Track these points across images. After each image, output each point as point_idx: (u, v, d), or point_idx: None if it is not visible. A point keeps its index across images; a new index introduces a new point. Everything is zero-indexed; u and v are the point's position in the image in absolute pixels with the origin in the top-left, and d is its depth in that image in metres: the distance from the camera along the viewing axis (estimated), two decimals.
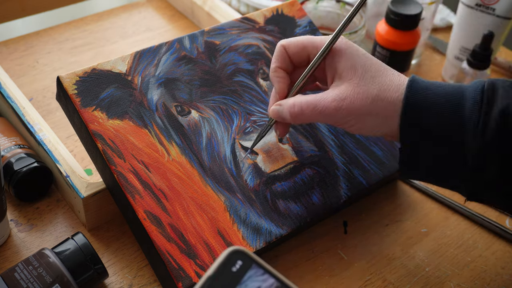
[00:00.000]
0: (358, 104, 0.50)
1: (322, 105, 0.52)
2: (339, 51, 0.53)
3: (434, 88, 0.50)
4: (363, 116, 0.51)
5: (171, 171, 0.56)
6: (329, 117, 0.52)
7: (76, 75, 0.57)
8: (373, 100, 0.50)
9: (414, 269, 0.59)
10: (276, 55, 0.56)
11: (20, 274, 0.50)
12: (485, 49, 0.73)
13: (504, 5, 0.75)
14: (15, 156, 0.61)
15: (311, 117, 0.53)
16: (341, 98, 0.51)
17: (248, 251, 0.38)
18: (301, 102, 0.53)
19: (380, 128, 0.52)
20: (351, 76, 0.51)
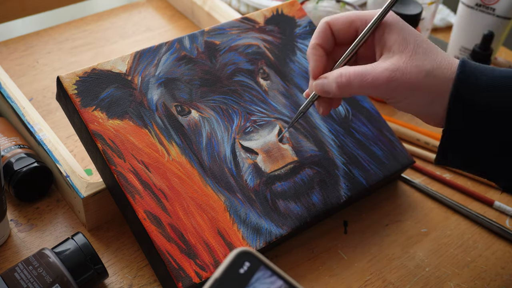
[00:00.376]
0: (411, 77, 0.48)
1: (372, 75, 0.49)
2: (390, 25, 0.51)
3: (485, 70, 0.48)
4: (414, 90, 0.49)
5: (171, 171, 0.56)
6: (379, 89, 0.50)
7: (76, 75, 0.57)
8: (427, 74, 0.48)
9: (414, 269, 0.59)
10: (318, 31, 0.53)
11: (20, 274, 0.50)
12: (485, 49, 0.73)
13: (504, 5, 0.75)
14: (15, 156, 0.61)
15: (359, 88, 0.50)
16: (393, 69, 0.49)
17: (255, 252, 0.38)
18: (349, 72, 0.50)
19: (428, 106, 0.49)
20: (403, 48, 0.49)
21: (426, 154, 0.71)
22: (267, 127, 0.61)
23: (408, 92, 0.49)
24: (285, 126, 0.61)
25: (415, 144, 0.73)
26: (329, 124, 0.64)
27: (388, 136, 0.65)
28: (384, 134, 0.65)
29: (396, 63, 0.49)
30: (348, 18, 0.53)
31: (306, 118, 0.63)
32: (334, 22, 0.53)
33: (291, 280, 0.38)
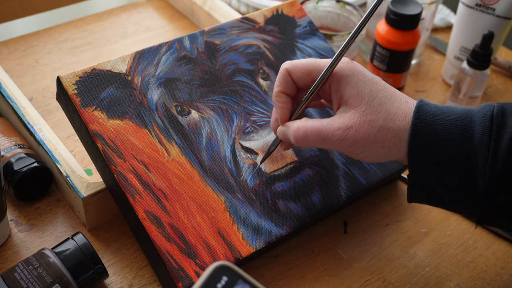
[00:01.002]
0: (364, 134, 0.50)
1: (327, 132, 0.51)
2: (346, 78, 0.52)
3: (441, 114, 0.49)
4: (369, 145, 0.50)
5: (171, 171, 0.56)
6: (334, 145, 0.51)
7: (76, 75, 0.57)
8: (379, 129, 0.50)
9: (414, 269, 0.59)
10: (280, 79, 0.55)
11: (20, 274, 0.50)
12: (485, 49, 0.73)
13: (504, 5, 0.75)
14: (15, 156, 0.61)
15: (314, 142, 0.52)
16: (346, 127, 0.50)
17: (233, 266, 0.38)
18: (306, 126, 0.52)
19: (386, 156, 0.51)
20: (358, 103, 0.50)
21: None
22: (267, 127, 0.61)
23: (363, 147, 0.50)
24: None
25: None
26: None
27: None
28: None
29: (350, 120, 0.50)
30: (305, 67, 0.54)
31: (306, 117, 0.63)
32: (292, 70, 0.54)
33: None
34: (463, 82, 0.76)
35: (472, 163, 0.47)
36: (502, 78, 0.86)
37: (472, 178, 0.47)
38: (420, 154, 0.49)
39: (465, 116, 0.49)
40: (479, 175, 0.47)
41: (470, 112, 0.49)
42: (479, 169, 0.47)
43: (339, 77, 0.52)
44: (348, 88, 0.51)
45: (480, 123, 0.47)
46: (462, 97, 0.77)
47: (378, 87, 0.51)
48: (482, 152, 0.47)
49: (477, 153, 0.47)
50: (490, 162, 0.46)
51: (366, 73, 0.52)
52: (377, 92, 0.51)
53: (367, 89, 0.51)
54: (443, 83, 0.85)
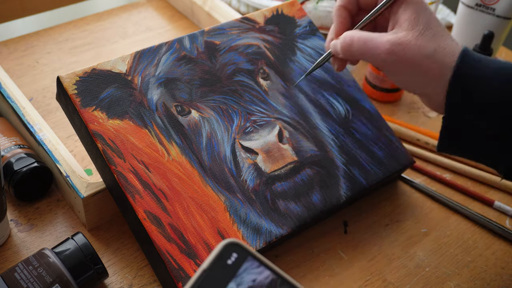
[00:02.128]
0: (412, 55, 0.50)
1: (374, 42, 0.51)
2: (407, 2, 0.52)
3: (486, 62, 0.49)
4: (412, 68, 0.50)
5: (171, 171, 0.56)
6: (377, 58, 0.51)
7: (76, 75, 0.57)
8: (427, 56, 0.50)
9: (414, 269, 0.59)
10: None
11: (20, 274, 0.50)
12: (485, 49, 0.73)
13: (504, 5, 0.75)
14: (15, 156, 0.61)
15: (359, 52, 0.52)
16: (396, 42, 0.50)
17: (243, 244, 0.38)
18: (354, 35, 0.52)
19: (422, 86, 0.51)
20: (413, 27, 0.51)
21: (426, 154, 0.71)
22: (267, 127, 0.61)
23: (405, 69, 0.50)
24: (285, 127, 0.61)
25: (415, 144, 0.73)
26: (329, 124, 0.64)
27: (388, 136, 0.65)
28: (384, 134, 0.65)
29: (401, 38, 0.50)
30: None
31: (306, 118, 0.63)
32: None
33: (278, 270, 0.38)
34: None
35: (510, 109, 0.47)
36: None
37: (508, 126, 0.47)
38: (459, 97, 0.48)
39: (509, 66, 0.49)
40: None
41: None
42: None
43: (401, 0, 0.52)
44: (407, 12, 0.52)
45: None
46: None
47: (434, 21, 0.52)
48: None
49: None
50: None
51: (426, 5, 0.53)
52: (433, 25, 0.51)
53: (425, 18, 0.51)
54: None
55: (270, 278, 0.38)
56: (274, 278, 0.38)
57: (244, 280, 0.37)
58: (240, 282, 0.37)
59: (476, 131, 0.49)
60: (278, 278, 0.38)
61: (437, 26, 0.51)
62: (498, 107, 0.48)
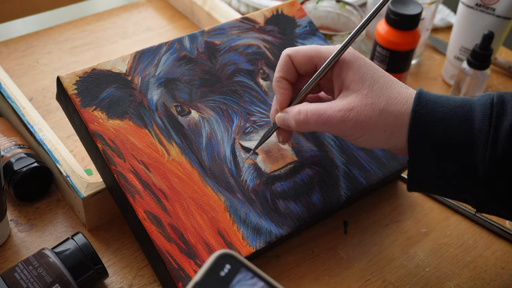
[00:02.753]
0: (365, 116, 0.50)
1: (328, 114, 0.51)
2: (348, 63, 0.52)
3: (442, 102, 0.49)
4: (370, 128, 0.50)
5: (171, 171, 0.56)
6: (335, 127, 0.51)
7: (76, 75, 0.57)
8: (381, 112, 0.50)
9: (414, 269, 0.59)
10: (281, 65, 0.55)
11: (20, 274, 0.50)
12: (485, 49, 0.73)
13: (504, 5, 0.75)
14: (15, 156, 0.61)
15: (316, 126, 0.52)
16: (348, 109, 0.50)
17: (236, 254, 0.38)
18: (307, 110, 0.52)
19: (386, 141, 0.51)
20: (359, 87, 0.51)
21: None
22: (267, 127, 0.61)
23: (364, 130, 0.51)
24: None
25: None
26: None
27: None
28: None
29: (352, 103, 0.51)
30: (307, 53, 0.54)
31: None
32: (294, 56, 0.54)
33: (272, 281, 0.37)
34: (463, 82, 0.76)
35: (472, 150, 0.47)
36: (502, 78, 0.86)
37: (471, 165, 0.48)
38: (419, 139, 0.49)
39: (465, 104, 0.49)
40: (479, 162, 0.47)
41: (469, 100, 0.49)
42: (478, 156, 0.47)
43: (341, 62, 0.52)
44: (350, 73, 0.52)
45: (480, 111, 0.48)
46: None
47: (379, 73, 0.52)
48: (482, 139, 0.47)
49: (477, 140, 0.47)
50: (490, 149, 0.46)
51: (367, 60, 0.53)
52: (379, 77, 0.51)
53: (369, 74, 0.51)
54: (443, 83, 0.85)
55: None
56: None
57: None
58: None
59: (442, 173, 0.50)
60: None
61: (382, 77, 0.51)
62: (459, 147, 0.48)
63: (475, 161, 0.47)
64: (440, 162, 0.49)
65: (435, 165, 0.49)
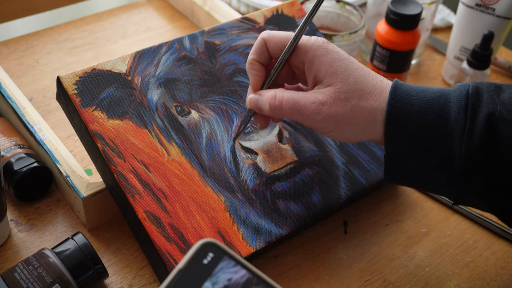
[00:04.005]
0: (337, 111, 0.50)
1: (302, 103, 0.51)
2: (320, 56, 0.51)
3: (417, 94, 0.49)
4: (342, 122, 0.50)
5: (171, 171, 0.56)
6: (307, 118, 0.51)
7: (76, 75, 0.57)
8: (353, 107, 0.50)
9: (414, 269, 0.59)
10: (255, 47, 0.55)
11: (20, 274, 0.50)
12: (485, 49, 0.73)
13: (504, 5, 0.75)
14: (15, 156, 0.61)
15: (289, 113, 0.52)
16: (320, 102, 0.50)
17: (219, 243, 0.38)
18: (283, 95, 0.52)
19: (360, 136, 0.51)
20: (333, 81, 0.50)
21: None
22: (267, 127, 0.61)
23: (336, 124, 0.50)
24: (284, 127, 0.61)
25: None
26: None
27: None
28: None
29: (324, 96, 0.50)
30: (280, 39, 0.54)
31: None
32: (269, 40, 0.54)
33: (254, 269, 0.38)
34: (463, 82, 0.76)
35: (449, 143, 0.47)
36: (502, 78, 0.86)
37: (448, 157, 0.48)
38: (396, 133, 0.49)
39: (440, 95, 0.49)
40: (456, 154, 0.47)
41: (445, 92, 0.49)
42: (455, 148, 0.47)
43: (313, 56, 0.52)
44: (323, 67, 0.51)
45: (455, 102, 0.48)
46: None
47: (353, 66, 0.51)
48: (458, 131, 0.47)
49: (453, 133, 0.47)
50: (466, 141, 0.46)
51: (341, 53, 0.52)
52: (353, 70, 0.51)
53: (342, 67, 0.51)
54: (443, 83, 0.85)
55: (246, 277, 0.38)
56: (250, 277, 0.38)
57: (219, 279, 0.37)
58: (216, 281, 0.37)
59: (419, 166, 0.49)
60: (254, 277, 0.38)
61: (357, 70, 0.51)
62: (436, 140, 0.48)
63: (452, 153, 0.47)
64: (417, 156, 0.49)
65: (412, 158, 0.49)
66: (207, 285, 0.37)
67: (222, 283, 0.37)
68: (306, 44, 0.52)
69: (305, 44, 0.52)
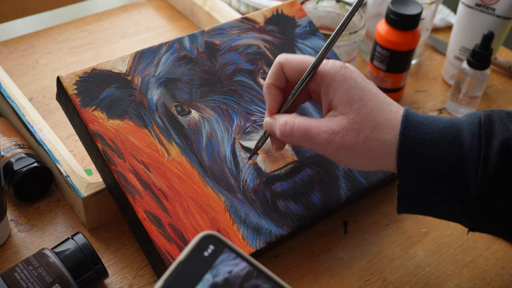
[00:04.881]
0: (349, 142, 0.49)
1: (313, 132, 0.50)
2: (337, 82, 0.51)
3: (429, 123, 0.49)
4: (354, 153, 0.50)
5: (171, 171, 0.56)
6: (318, 147, 0.51)
7: (76, 75, 0.57)
8: (365, 139, 0.49)
9: (414, 269, 0.59)
10: (272, 71, 0.54)
11: (20, 274, 0.50)
12: (485, 49, 0.73)
13: (504, 5, 0.75)
14: (15, 156, 0.61)
15: (300, 140, 0.52)
16: (333, 132, 0.50)
17: (220, 236, 0.39)
18: (294, 122, 0.51)
19: (372, 166, 0.51)
20: (347, 110, 0.50)
21: None
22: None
23: (348, 154, 0.50)
24: None
25: None
26: None
27: None
28: None
29: (337, 126, 0.50)
30: (298, 63, 0.53)
31: None
32: (285, 64, 0.54)
33: (254, 262, 0.38)
34: (463, 82, 0.76)
35: (464, 171, 0.47)
36: (502, 78, 0.86)
37: (464, 185, 0.47)
38: (409, 163, 0.48)
39: (452, 124, 0.48)
40: (471, 182, 0.47)
41: (457, 121, 0.49)
42: (470, 176, 0.47)
43: (330, 81, 0.51)
44: (338, 94, 0.51)
45: (468, 131, 0.47)
46: (462, 97, 0.77)
47: (369, 95, 0.51)
48: (473, 159, 0.46)
49: (468, 160, 0.47)
50: (482, 168, 0.46)
51: (359, 79, 0.51)
52: (368, 100, 0.50)
53: (358, 96, 0.50)
54: (443, 83, 0.85)
55: (246, 270, 0.38)
56: (250, 270, 0.38)
57: (220, 271, 0.38)
58: (216, 273, 0.38)
59: (433, 196, 0.49)
60: (254, 270, 0.38)
61: (372, 100, 0.50)
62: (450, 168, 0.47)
63: (467, 181, 0.47)
64: (432, 185, 0.48)
65: (427, 188, 0.49)
66: (207, 277, 0.37)
67: (223, 275, 0.38)
68: (324, 68, 0.52)
69: (323, 69, 0.52)
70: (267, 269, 0.38)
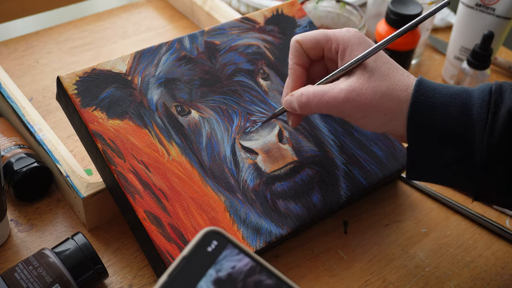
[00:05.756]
0: (367, 98, 0.51)
1: (329, 95, 0.52)
2: (352, 46, 0.53)
3: (441, 89, 0.50)
4: (370, 110, 0.51)
5: (171, 171, 0.56)
6: (336, 108, 0.52)
7: (76, 75, 0.57)
8: (382, 95, 0.50)
9: (414, 269, 0.59)
10: (292, 51, 0.56)
11: (20, 274, 0.50)
12: (485, 49, 0.73)
13: (504, 5, 0.75)
14: (15, 156, 0.61)
15: (318, 107, 0.53)
16: (349, 90, 0.51)
17: (223, 232, 0.39)
18: (309, 92, 0.53)
19: (385, 125, 0.52)
20: (362, 70, 0.52)
21: None
22: (267, 127, 0.61)
23: (364, 112, 0.51)
24: (285, 127, 0.61)
25: None
26: (329, 124, 0.64)
27: (388, 136, 0.65)
28: (384, 134, 0.65)
29: (354, 84, 0.51)
30: (314, 37, 0.56)
31: (306, 118, 0.63)
32: (302, 40, 0.56)
33: (258, 258, 0.39)
34: (463, 82, 0.76)
35: (470, 136, 0.48)
36: (502, 78, 0.86)
37: (469, 151, 0.48)
38: (419, 125, 0.49)
39: (464, 91, 0.50)
40: (476, 148, 0.48)
41: (469, 88, 0.50)
42: (476, 142, 0.48)
43: (346, 45, 0.53)
44: (354, 56, 0.53)
45: (478, 97, 0.49)
46: None
47: (382, 59, 0.52)
48: (480, 125, 0.47)
49: (475, 126, 0.48)
50: (488, 135, 0.47)
51: (372, 44, 0.53)
52: (382, 63, 0.52)
53: (372, 59, 0.52)
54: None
55: (249, 265, 0.38)
56: (253, 265, 0.38)
57: (223, 267, 0.38)
58: (220, 268, 0.38)
59: (440, 159, 0.50)
60: (257, 266, 0.38)
61: (386, 63, 0.52)
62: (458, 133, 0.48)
63: (473, 146, 0.48)
64: (439, 147, 0.49)
65: (434, 150, 0.50)
66: (211, 272, 0.37)
67: (226, 270, 0.38)
68: (339, 34, 0.54)
69: (338, 34, 0.54)
70: (270, 265, 0.39)
